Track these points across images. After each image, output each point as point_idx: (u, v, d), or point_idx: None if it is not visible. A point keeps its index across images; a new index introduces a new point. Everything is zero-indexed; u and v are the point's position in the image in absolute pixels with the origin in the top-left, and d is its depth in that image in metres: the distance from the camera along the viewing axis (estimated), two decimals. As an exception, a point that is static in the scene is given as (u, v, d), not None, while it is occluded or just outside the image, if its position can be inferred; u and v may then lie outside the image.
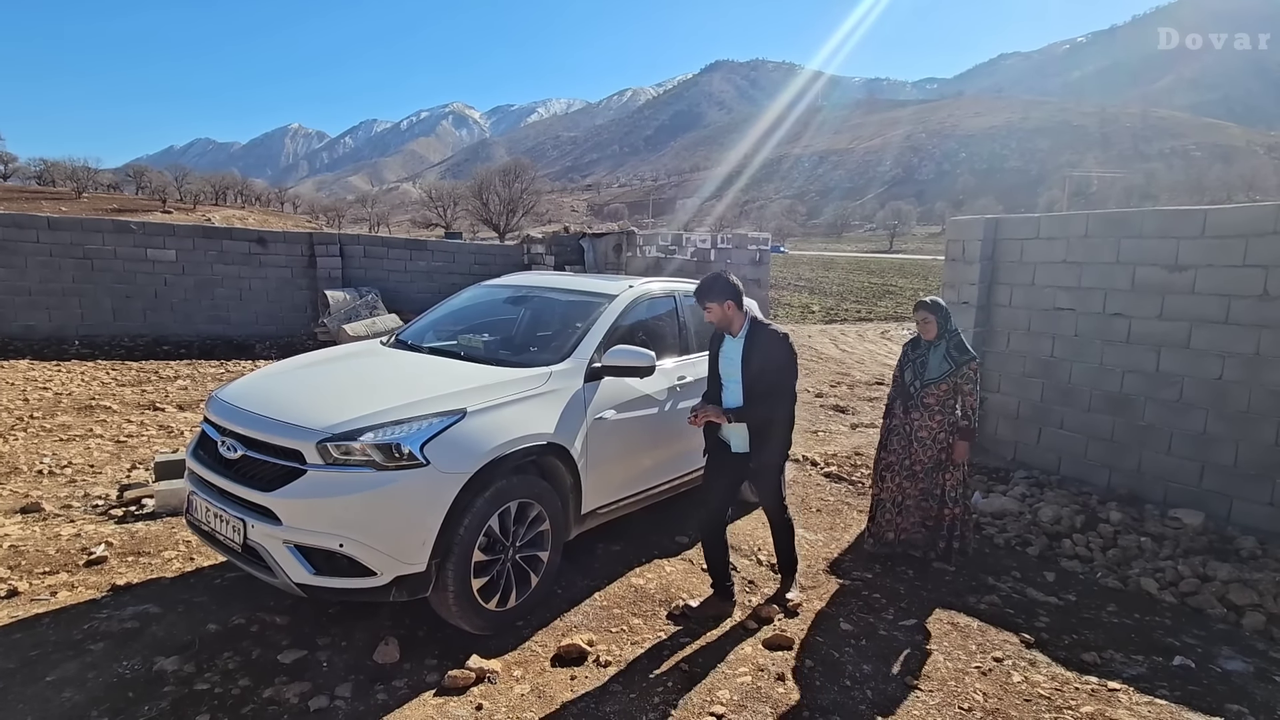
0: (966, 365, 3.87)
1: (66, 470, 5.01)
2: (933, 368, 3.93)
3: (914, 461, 4.03)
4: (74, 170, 69.66)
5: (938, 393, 3.92)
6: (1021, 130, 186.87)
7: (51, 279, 10.22)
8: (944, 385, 3.90)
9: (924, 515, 4.05)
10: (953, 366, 3.88)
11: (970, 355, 3.90)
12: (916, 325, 4.01)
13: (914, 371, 4.02)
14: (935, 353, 3.94)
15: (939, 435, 3.96)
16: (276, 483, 2.62)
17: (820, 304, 21.16)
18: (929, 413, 3.96)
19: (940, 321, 3.93)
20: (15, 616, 3.02)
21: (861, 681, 2.84)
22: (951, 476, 3.99)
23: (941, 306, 3.98)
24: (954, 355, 3.90)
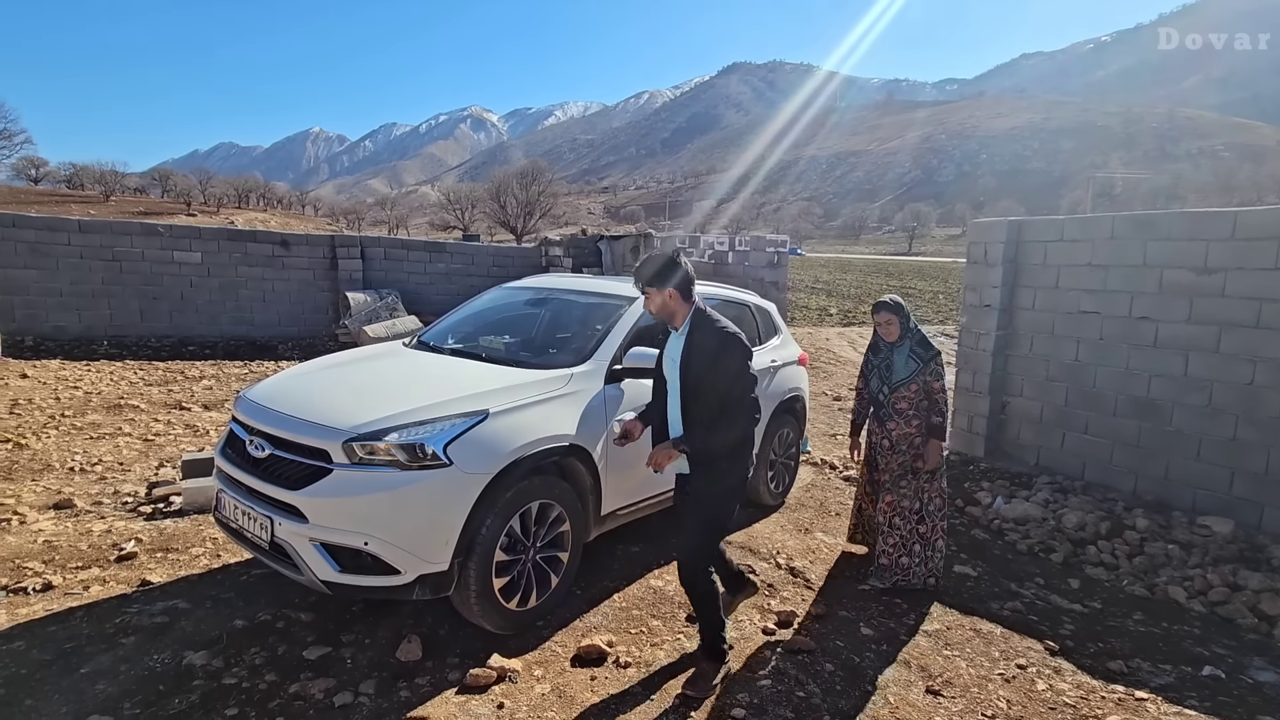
0: (933, 360, 3.66)
1: (97, 468, 5.13)
2: (899, 369, 3.69)
3: (883, 469, 3.80)
4: (102, 174, 71.23)
5: (909, 395, 3.69)
6: (1044, 131, 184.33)
7: (81, 280, 10.46)
8: (913, 386, 3.66)
9: (903, 536, 3.71)
10: (919, 364, 3.65)
11: (935, 350, 3.69)
12: (877, 328, 3.77)
13: (880, 377, 3.78)
14: (899, 354, 3.71)
15: (915, 440, 3.71)
16: (303, 481, 2.67)
17: (838, 306, 21.03)
18: (903, 419, 3.71)
19: (903, 321, 3.71)
20: (50, 609, 3.09)
21: (883, 687, 2.82)
22: (932, 486, 3.73)
23: (903, 306, 3.75)
24: (918, 353, 3.67)
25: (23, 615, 3.04)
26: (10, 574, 3.40)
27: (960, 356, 6.43)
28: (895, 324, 3.69)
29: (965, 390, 6.31)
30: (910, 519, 3.69)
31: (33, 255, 10.13)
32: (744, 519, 4.60)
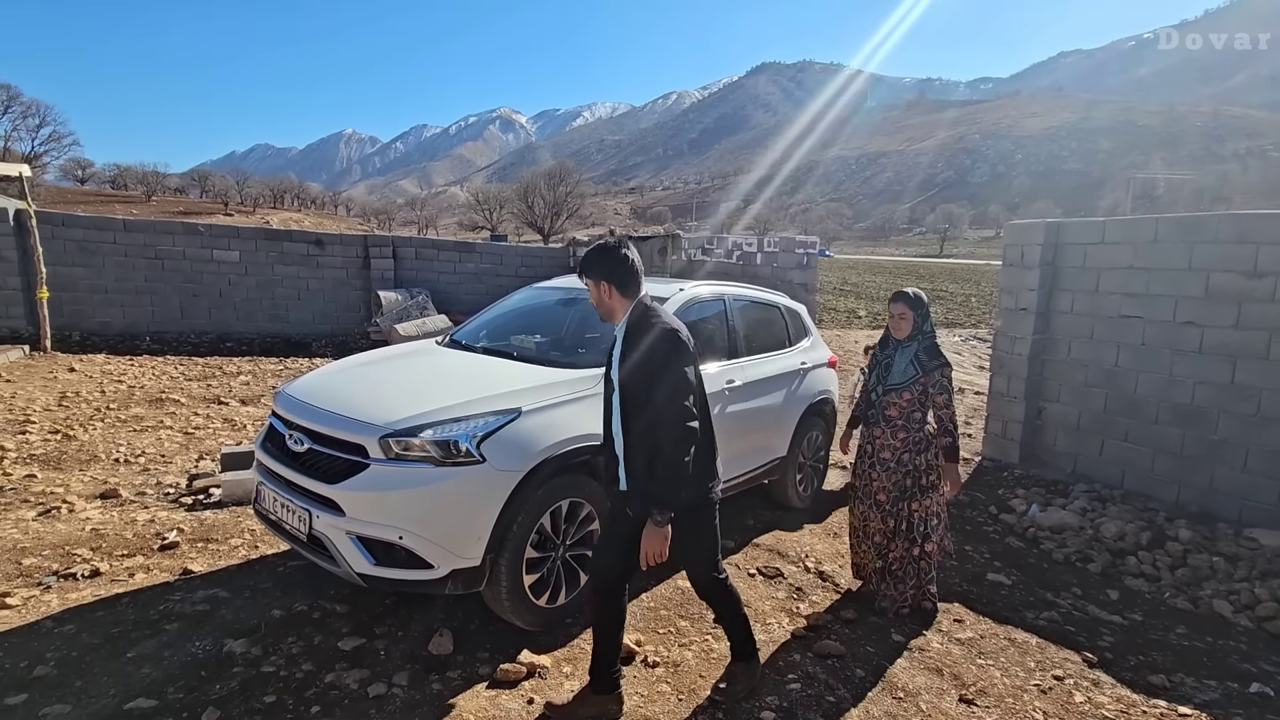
0: (937, 371, 3.30)
1: (140, 459, 5.29)
2: (896, 372, 3.37)
3: (877, 488, 3.45)
4: (144, 175, 73.51)
5: (900, 402, 3.35)
6: (1081, 130, 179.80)
7: (126, 278, 10.81)
8: (906, 394, 3.33)
9: (885, 557, 3.46)
10: (918, 372, 3.32)
11: (941, 361, 3.31)
12: (889, 320, 3.45)
13: (878, 376, 3.47)
14: (902, 355, 3.38)
15: (903, 456, 3.36)
16: (341, 475, 2.72)
17: (866, 309, 20.77)
18: (891, 428, 3.39)
19: (917, 319, 3.37)
20: (98, 595, 3.20)
21: (914, 694, 2.78)
22: (922, 505, 3.36)
23: (923, 302, 3.40)
24: (922, 360, 3.32)
25: (73, 600, 3.15)
26: (61, 560, 3.53)
27: (994, 361, 6.31)
28: (909, 319, 3.36)
29: (999, 395, 6.19)
30: (900, 541, 3.41)
31: (80, 253, 10.51)
32: (772, 521, 4.57)
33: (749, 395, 4.14)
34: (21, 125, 47.66)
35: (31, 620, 2.96)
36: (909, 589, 3.41)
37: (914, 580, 3.40)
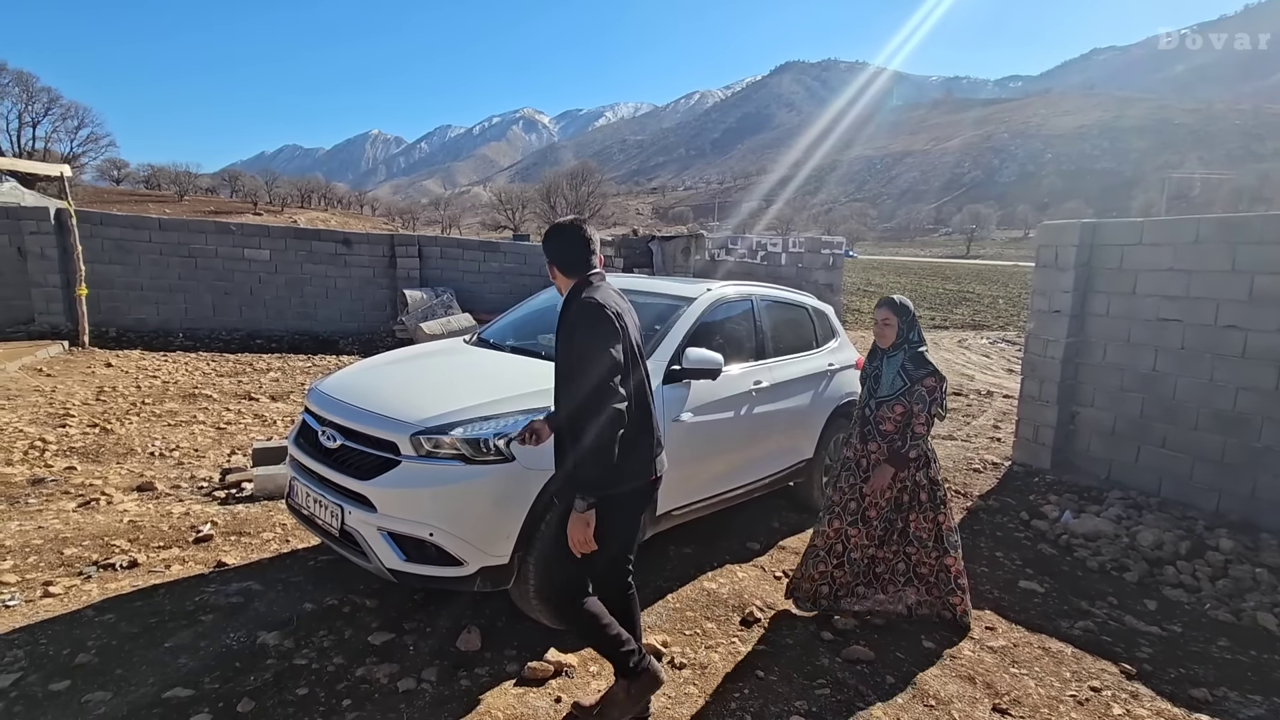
0: (920, 383, 3.15)
1: (174, 453, 5.41)
2: (885, 383, 3.26)
3: (867, 504, 3.32)
4: (177, 175, 75.24)
5: (893, 416, 3.21)
6: (1115, 129, 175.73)
7: (160, 276, 11.06)
8: (899, 406, 3.19)
9: (893, 572, 3.34)
10: (905, 383, 3.19)
11: (927, 370, 3.17)
12: (874, 327, 3.35)
13: (869, 389, 3.36)
14: (889, 365, 3.27)
15: (901, 473, 3.26)
16: (373, 472, 2.75)
17: (892, 310, 20.55)
18: (888, 442, 3.25)
19: (902, 327, 3.24)
20: (136, 586, 3.28)
21: (946, 702, 2.73)
22: (931, 520, 3.27)
23: (908, 309, 3.27)
24: (908, 370, 3.19)
25: (112, 590, 3.23)
26: (100, 550, 3.62)
27: (1026, 364, 6.19)
28: (894, 326, 3.24)
29: (1031, 399, 6.07)
30: (916, 549, 3.30)
31: (117, 251, 10.77)
32: (798, 524, 4.53)
33: (776, 396, 4.10)
34: (61, 127, 49.13)
35: (73, 609, 3.04)
36: (952, 598, 3.30)
37: (955, 591, 3.30)
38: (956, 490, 5.42)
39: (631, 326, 2.32)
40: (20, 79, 47.04)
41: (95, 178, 63.58)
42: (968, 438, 7.11)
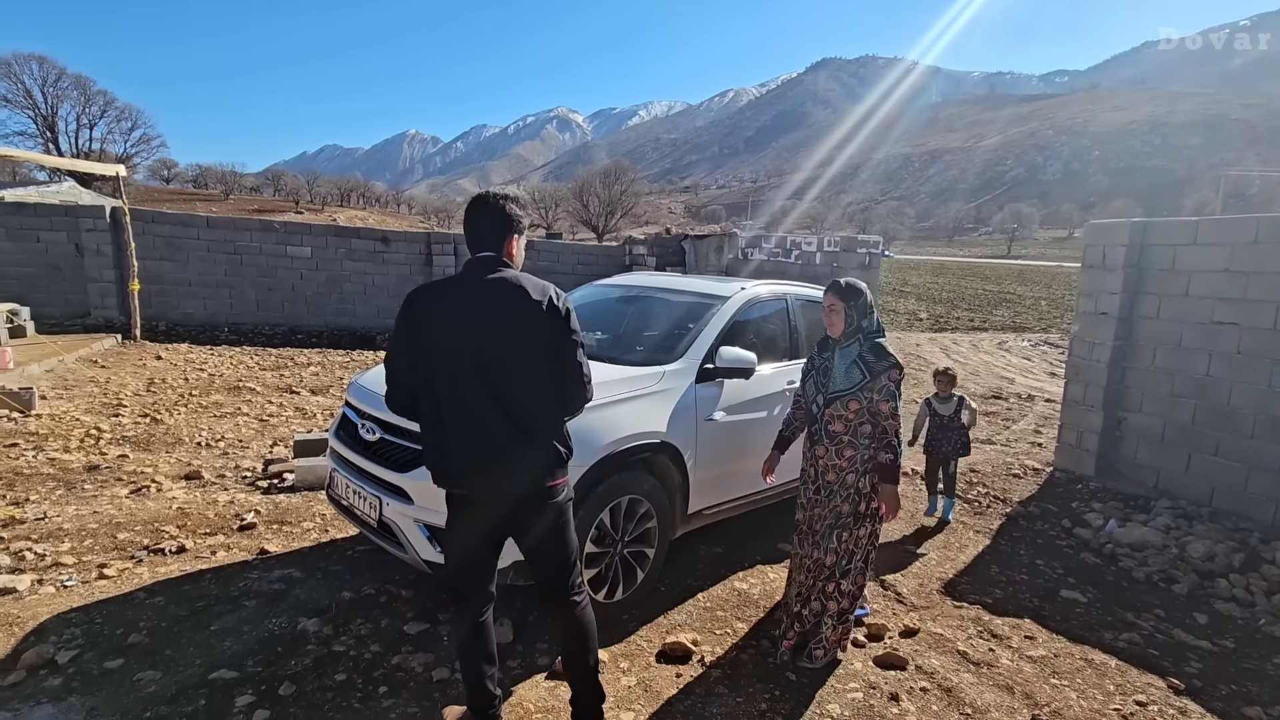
0: (885, 375, 2.74)
1: (220, 444, 5.58)
2: (837, 377, 2.81)
3: (815, 516, 2.93)
4: (223, 175, 77.63)
5: (845, 414, 2.79)
6: (1167, 125, 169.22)
7: (207, 272, 11.44)
8: (854, 403, 2.77)
9: (805, 598, 2.95)
10: (864, 376, 2.75)
11: (890, 362, 2.76)
12: (823, 315, 2.94)
13: (815, 383, 2.93)
14: (843, 357, 2.83)
15: (847, 477, 2.81)
16: (410, 465, 2.80)
17: (929, 311, 20.15)
18: (835, 445, 2.83)
19: (851, 313, 2.81)
20: (184, 570, 3.40)
21: (983, 711, 2.67)
22: (851, 535, 2.84)
23: (857, 292, 2.82)
24: (867, 361, 2.76)
25: (161, 573, 3.35)
26: (151, 535, 3.76)
27: (1070, 367, 6.01)
28: (839, 312, 2.82)
29: (1075, 403, 5.89)
30: (828, 576, 2.89)
31: (168, 248, 11.17)
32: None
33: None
34: (116, 128, 51.01)
35: (126, 590, 3.17)
36: (829, 633, 2.89)
37: (832, 624, 2.89)
38: (995, 496, 5.30)
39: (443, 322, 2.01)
40: (79, 83, 49.05)
41: (147, 177, 65.92)
42: (1007, 442, 6.93)
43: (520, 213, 2.16)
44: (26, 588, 3.14)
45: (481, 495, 2.10)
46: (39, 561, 3.40)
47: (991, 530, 4.65)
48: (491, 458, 2.02)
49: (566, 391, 2.10)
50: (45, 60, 47.89)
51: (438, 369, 2.03)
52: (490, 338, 2.00)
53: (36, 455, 4.99)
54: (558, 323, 2.04)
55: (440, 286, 2.09)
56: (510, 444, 2.02)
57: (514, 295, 2.02)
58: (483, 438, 2.01)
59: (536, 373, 2.04)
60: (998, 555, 4.25)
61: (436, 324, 2.02)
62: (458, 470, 2.07)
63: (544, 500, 2.11)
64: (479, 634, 2.18)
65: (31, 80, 47.26)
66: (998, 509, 5.05)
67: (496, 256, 2.09)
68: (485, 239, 2.11)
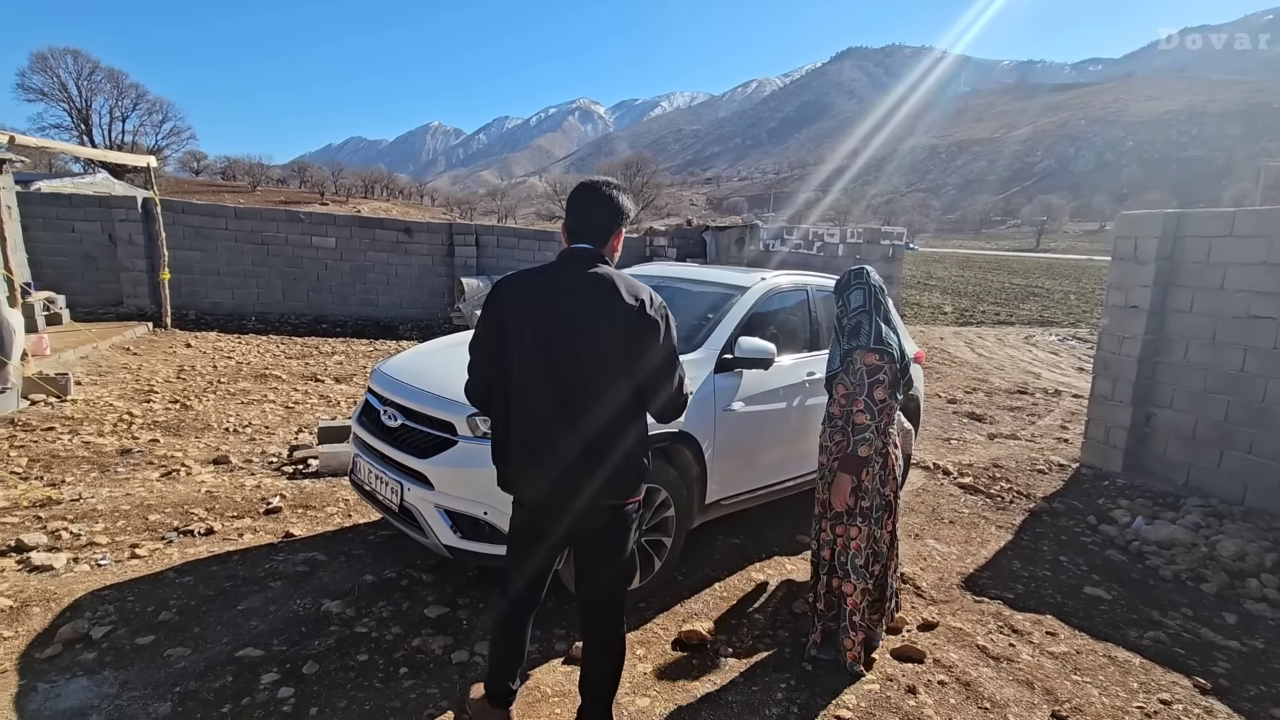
0: (857, 353, 2.70)
1: (247, 430, 5.70)
2: (829, 359, 2.91)
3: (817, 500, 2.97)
4: (250, 166, 78.86)
5: (838, 398, 2.81)
6: (1205, 115, 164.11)
7: (235, 262, 11.64)
8: (840, 386, 2.79)
9: (815, 588, 2.94)
10: (839, 362, 2.80)
11: (858, 344, 2.70)
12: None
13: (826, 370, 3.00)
14: (837, 341, 2.90)
15: (833, 463, 2.83)
16: (431, 451, 2.84)
17: (954, 304, 19.85)
18: (832, 429, 2.87)
19: (840, 303, 2.87)
20: (213, 551, 3.48)
21: (1002, 705, 2.65)
22: (845, 530, 2.78)
23: (862, 277, 2.85)
24: (843, 344, 2.79)
25: (191, 554, 3.44)
26: (181, 518, 3.86)
27: (1098, 362, 5.89)
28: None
29: (1103, 399, 5.78)
30: (829, 571, 2.86)
31: (197, 238, 11.38)
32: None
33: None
34: (147, 121, 52.13)
35: (157, 570, 3.26)
36: (844, 639, 2.80)
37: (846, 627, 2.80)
38: (1018, 491, 5.22)
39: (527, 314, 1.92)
40: (112, 76, 50.13)
41: (177, 169, 67.24)
42: (1032, 437, 6.82)
43: (630, 205, 2.07)
44: (63, 565, 3.24)
45: (540, 505, 1.99)
46: (74, 541, 3.51)
47: (1014, 525, 4.59)
48: (552, 466, 1.91)
49: (658, 400, 1.99)
50: (80, 54, 49.00)
51: (513, 363, 1.92)
52: (573, 338, 1.88)
53: (72, 439, 5.14)
54: (648, 327, 1.91)
55: (530, 276, 1.99)
56: (573, 454, 1.90)
57: (608, 295, 1.89)
58: (545, 443, 1.90)
59: (616, 382, 1.90)
60: (1020, 551, 4.20)
61: (520, 314, 1.92)
62: (512, 477, 2.02)
63: (609, 519, 1.99)
64: (519, 636, 2.17)
65: (67, 74, 48.41)
66: (1021, 504, 4.97)
67: (595, 251, 1.98)
68: (590, 226, 2.00)
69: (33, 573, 3.17)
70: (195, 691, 2.42)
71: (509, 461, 2.00)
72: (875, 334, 2.71)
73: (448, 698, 2.48)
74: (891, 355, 2.70)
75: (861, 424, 2.67)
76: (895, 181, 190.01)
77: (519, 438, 1.96)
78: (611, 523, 2.02)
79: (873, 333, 2.71)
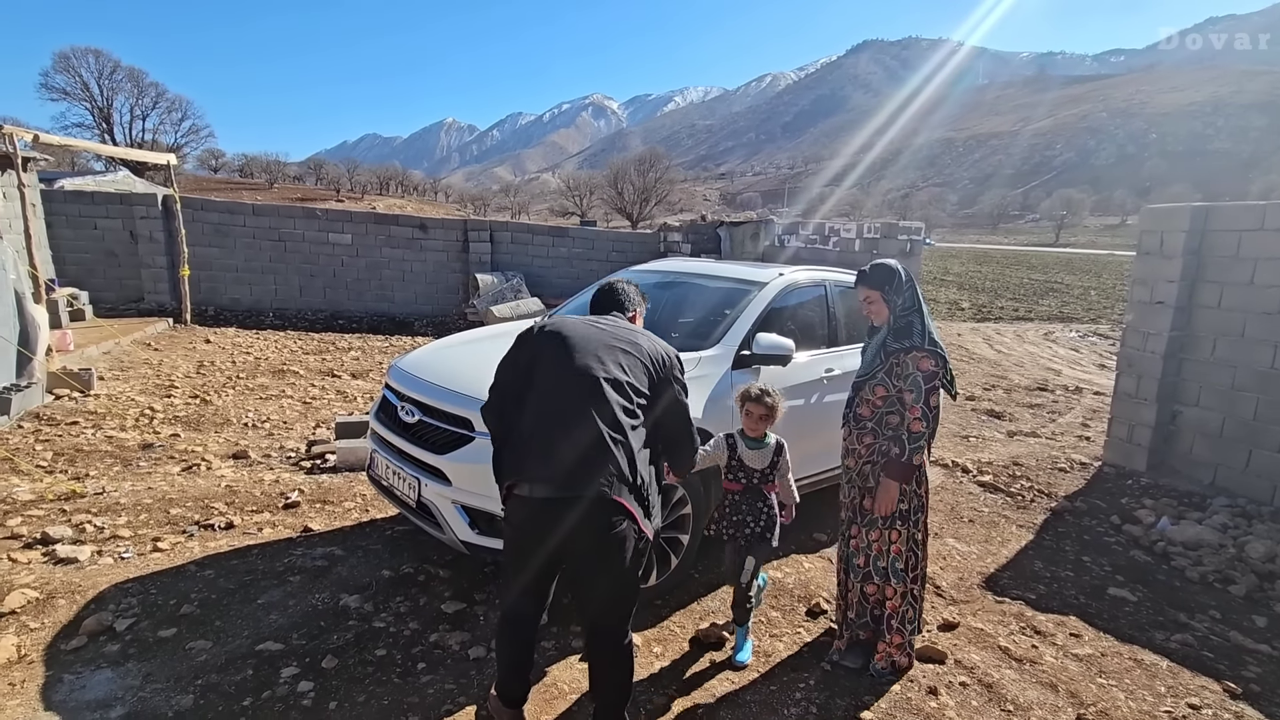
0: (907, 356, 2.58)
1: (265, 425, 5.75)
2: (866, 359, 2.79)
3: (844, 507, 2.87)
4: (267, 164, 79.62)
5: (873, 399, 2.70)
6: (1232, 106, 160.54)
7: (253, 258, 11.75)
8: (880, 389, 2.67)
9: (845, 595, 2.85)
10: (883, 360, 2.65)
11: (911, 344, 2.57)
12: (862, 308, 2.85)
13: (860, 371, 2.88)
14: (875, 340, 2.77)
15: (864, 468, 2.73)
16: (448, 447, 2.84)
17: (971, 300, 19.62)
18: (860, 430, 2.75)
19: (890, 296, 2.67)
20: (233, 545, 3.52)
21: (1025, 708, 2.61)
22: (881, 536, 2.70)
23: (889, 272, 2.68)
24: (887, 344, 2.65)
25: (211, 548, 3.48)
26: (201, 511, 3.90)
27: (1122, 358, 5.78)
28: (877, 302, 2.71)
29: (1126, 396, 5.67)
30: (854, 578, 2.79)
31: (216, 235, 11.51)
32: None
33: (848, 385, 3.98)
34: (167, 119, 52.78)
35: (179, 563, 3.30)
36: (883, 643, 2.75)
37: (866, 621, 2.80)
38: (1039, 490, 5.14)
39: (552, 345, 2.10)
40: (132, 75, 50.78)
41: (195, 167, 68.02)
42: (1053, 435, 6.72)
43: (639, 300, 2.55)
44: (87, 558, 3.29)
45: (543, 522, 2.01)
46: (98, 534, 3.56)
47: (1035, 525, 4.52)
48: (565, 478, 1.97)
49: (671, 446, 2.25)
50: (101, 53, 49.67)
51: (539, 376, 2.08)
52: (605, 357, 2.07)
53: (95, 433, 5.22)
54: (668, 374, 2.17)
55: (565, 321, 2.22)
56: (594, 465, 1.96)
57: (634, 334, 2.22)
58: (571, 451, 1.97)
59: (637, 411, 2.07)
60: (1041, 550, 4.13)
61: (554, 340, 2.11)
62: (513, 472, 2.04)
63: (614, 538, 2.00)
64: (524, 647, 2.19)
65: (89, 73, 49.10)
66: (1042, 503, 4.90)
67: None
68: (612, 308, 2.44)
69: (58, 565, 3.22)
70: (217, 684, 2.44)
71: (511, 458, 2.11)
72: (928, 335, 2.60)
73: (465, 693, 2.48)
74: (944, 357, 2.61)
75: (918, 431, 2.56)
76: (910, 175, 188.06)
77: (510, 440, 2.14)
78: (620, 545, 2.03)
79: (925, 333, 2.60)
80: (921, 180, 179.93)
